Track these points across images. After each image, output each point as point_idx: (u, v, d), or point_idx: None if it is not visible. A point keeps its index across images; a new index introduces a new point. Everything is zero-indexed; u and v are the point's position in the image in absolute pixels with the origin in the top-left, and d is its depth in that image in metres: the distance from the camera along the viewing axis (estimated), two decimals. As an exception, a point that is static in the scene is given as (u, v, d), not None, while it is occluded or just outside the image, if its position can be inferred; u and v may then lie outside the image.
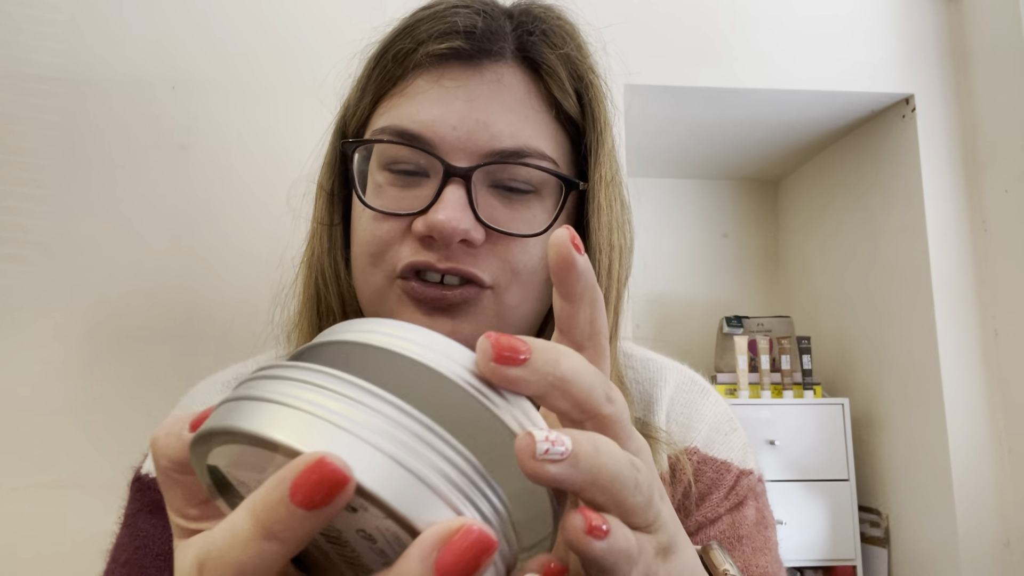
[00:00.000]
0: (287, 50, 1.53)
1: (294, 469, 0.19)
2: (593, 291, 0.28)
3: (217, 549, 0.21)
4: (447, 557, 0.19)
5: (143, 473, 0.55)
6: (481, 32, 0.49)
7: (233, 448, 0.22)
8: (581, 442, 0.23)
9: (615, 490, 0.24)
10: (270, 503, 0.20)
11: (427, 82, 0.49)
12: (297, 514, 0.19)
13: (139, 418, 0.97)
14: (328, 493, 0.19)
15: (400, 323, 0.24)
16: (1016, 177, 1.76)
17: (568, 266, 0.27)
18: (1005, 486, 1.78)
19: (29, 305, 1.44)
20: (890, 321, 2.04)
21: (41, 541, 1.36)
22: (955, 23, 1.92)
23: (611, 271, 0.52)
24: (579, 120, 0.52)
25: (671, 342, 2.52)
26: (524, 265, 0.49)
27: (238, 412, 0.21)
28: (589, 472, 0.23)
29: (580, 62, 0.53)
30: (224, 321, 1.41)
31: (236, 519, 0.21)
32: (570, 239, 0.27)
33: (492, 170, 0.48)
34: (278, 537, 0.20)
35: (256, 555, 0.20)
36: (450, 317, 0.48)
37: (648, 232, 2.63)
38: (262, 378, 0.22)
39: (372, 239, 0.49)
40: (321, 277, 0.53)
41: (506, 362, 0.23)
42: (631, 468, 0.24)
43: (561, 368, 0.24)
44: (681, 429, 0.57)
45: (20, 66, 1.50)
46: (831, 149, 2.36)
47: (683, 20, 1.82)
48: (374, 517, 0.20)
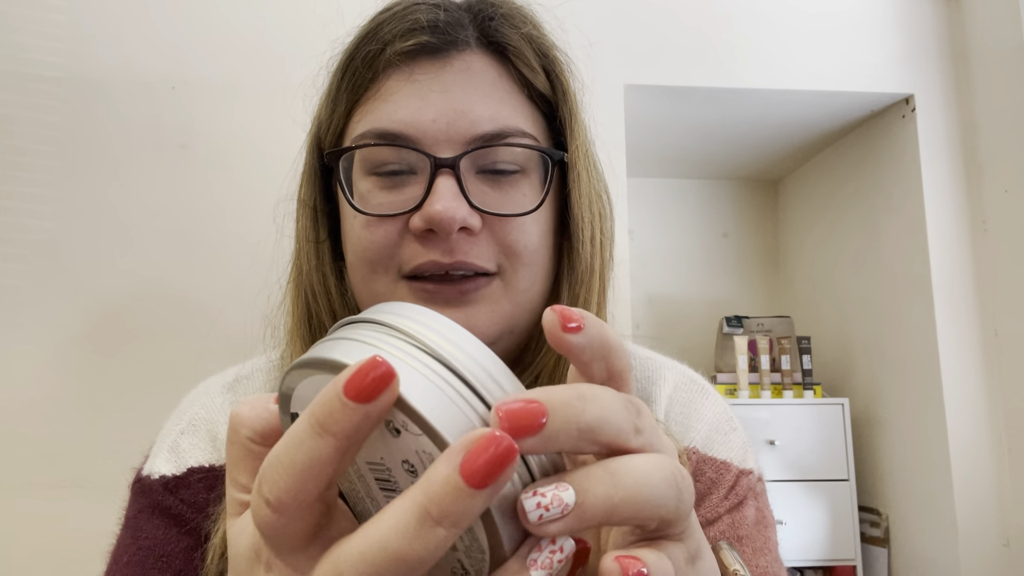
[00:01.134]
0: (287, 50, 1.53)
1: (351, 369, 0.21)
2: (602, 346, 0.26)
3: (274, 457, 0.22)
4: (472, 459, 0.20)
5: (145, 474, 0.55)
6: (444, 24, 0.50)
7: (315, 380, 0.25)
8: (587, 488, 0.22)
9: (648, 514, 0.23)
10: (325, 399, 0.21)
11: (399, 81, 0.49)
12: (348, 407, 0.21)
13: (139, 418, 0.97)
14: (377, 386, 0.21)
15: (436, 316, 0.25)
16: (1016, 177, 1.76)
17: (567, 349, 0.25)
18: (1005, 486, 1.78)
19: (29, 305, 1.45)
20: (890, 321, 2.04)
21: (41, 541, 1.36)
22: (955, 23, 1.92)
23: (594, 239, 0.53)
24: (550, 96, 0.53)
25: (671, 342, 2.52)
26: (524, 246, 0.49)
27: (318, 350, 0.25)
28: (606, 512, 0.22)
29: (541, 39, 0.53)
30: (224, 321, 1.41)
31: (293, 427, 0.22)
32: (559, 326, 0.25)
33: (477, 156, 0.49)
34: (330, 431, 0.21)
35: (311, 451, 0.22)
36: (463, 307, 0.48)
37: (648, 232, 2.63)
38: (340, 336, 0.25)
39: (369, 246, 0.49)
40: (311, 294, 0.53)
41: (523, 433, 0.22)
42: (671, 477, 0.24)
43: (586, 419, 0.23)
44: (680, 429, 0.57)
45: (20, 66, 1.51)
46: (831, 149, 2.36)
47: (683, 20, 1.82)
48: (414, 439, 0.22)
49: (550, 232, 0.52)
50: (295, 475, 0.22)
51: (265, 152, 1.44)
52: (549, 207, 0.52)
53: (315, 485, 0.22)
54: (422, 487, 0.21)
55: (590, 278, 0.52)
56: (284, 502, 0.22)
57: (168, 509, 0.53)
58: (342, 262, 0.54)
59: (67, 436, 1.40)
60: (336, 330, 0.26)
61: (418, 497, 0.21)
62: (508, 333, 0.51)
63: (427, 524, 0.21)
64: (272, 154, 1.35)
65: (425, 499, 0.21)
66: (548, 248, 0.52)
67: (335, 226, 0.54)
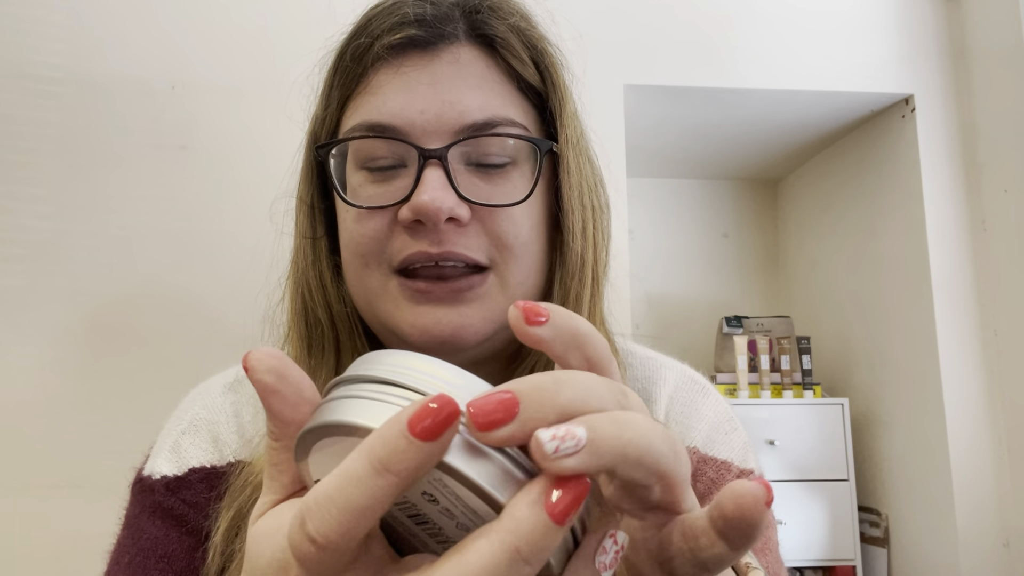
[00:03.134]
0: (287, 51, 1.53)
1: (414, 406, 0.22)
2: (573, 336, 0.26)
3: (323, 495, 0.22)
4: (558, 498, 0.22)
5: (145, 474, 0.55)
6: (432, 18, 0.50)
7: (328, 443, 0.25)
8: (596, 427, 0.23)
9: (651, 462, 0.24)
10: (388, 437, 0.21)
11: (388, 74, 0.50)
12: (415, 445, 0.21)
13: (139, 418, 0.96)
14: (444, 424, 0.21)
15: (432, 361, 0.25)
16: (1015, 177, 1.76)
17: (535, 342, 0.26)
18: (1005, 486, 1.78)
19: (29, 305, 1.44)
20: (890, 321, 2.04)
21: (41, 541, 1.36)
22: (955, 23, 1.93)
23: (585, 232, 0.52)
24: (540, 87, 0.53)
25: (671, 342, 2.52)
26: (515, 238, 0.49)
27: (327, 414, 0.25)
28: (615, 452, 0.23)
29: (530, 31, 0.53)
30: (224, 321, 1.41)
31: (347, 463, 0.22)
32: (524, 320, 0.26)
33: (467, 147, 0.49)
34: (392, 470, 0.21)
35: (369, 490, 0.22)
36: (456, 306, 0.48)
37: (648, 232, 2.63)
38: (341, 396, 0.25)
39: (360, 239, 0.49)
40: (307, 290, 0.53)
41: (497, 423, 0.22)
42: (670, 443, 0.24)
43: (562, 400, 0.23)
44: (681, 428, 0.57)
45: (20, 66, 1.50)
46: (831, 149, 2.36)
47: (683, 20, 1.82)
48: (453, 492, 0.23)
49: (542, 225, 0.52)
50: (350, 514, 0.22)
51: (265, 152, 1.44)
52: (541, 199, 0.52)
53: (367, 523, 0.22)
54: (508, 527, 0.22)
55: (582, 270, 0.52)
56: (332, 540, 0.22)
57: (169, 509, 0.53)
58: (339, 259, 0.54)
59: (67, 436, 1.40)
60: (331, 391, 0.26)
61: (506, 537, 0.22)
62: (503, 329, 0.51)
63: (517, 563, 0.21)
64: (272, 154, 1.35)
65: (514, 538, 0.21)
66: (540, 241, 0.52)
67: (333, 224, 0.55)
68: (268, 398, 0.26)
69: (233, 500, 0.50)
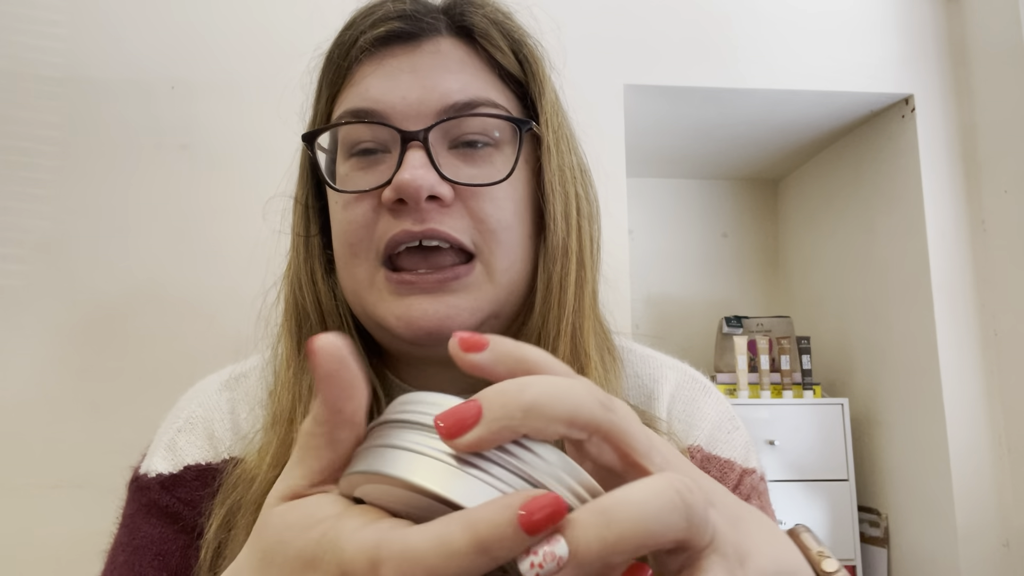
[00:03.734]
0: (287, 51, 1.53)
1: (525, 496, 0.22)
2: (517, 360, 0.26)
3: (413, 550, 0.22)
4: None
5: (141, 473, 0.55)
6: (412, 12, 0.52)
7: (376, 488, 0.25)
8: (578, 536, 0.22)
9: (658, 533, 0.22)
10: (497, 523, 0.21)
11: (371, 66, 0.51)
12: (519, 536, 0.21)
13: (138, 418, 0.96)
14: (550, 520, 0.21)
15: None
16: (1015, 177, 1.76)
17: (477, 369, 0.26)
18: (1005, 486, 1.78)
19: (29, 305, 1.44)
20: (890, 321, 2.04)
21: (41, 541, 1.36)
22: (955, 23, 1.92)
23: (568, 217, 0.52)
24: (520, 76, 0.54)
25: (671, 342, 2.50)
26: (498, 221, 0.50)
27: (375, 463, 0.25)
28: (606, 545, 0.22)
29: (508, 22, 0.55)
30: (223, 321, 1.41)
31: (448, 531, 0.22)
32: (459, 348, 0.25)
33: (448, 127, 0.50)
34: (491, 553, 0.21)
35: (463, 567, 0.21)
36: (443, 296, 0.48)
37: (648, 232, 2.63)
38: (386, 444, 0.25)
39: (348, 226, 0.50)
40: (298, 286, 0.54)
41: (461, 429, 0.23)
42: (674, 499, 0.23)
43: (526, 398, 0.23)
44: (683, 427, 0.57)
45: (20, 66, 1.50)
46: (831, 149, 2.36)
47: (683, 20, 1.82)
48: None
49: (525, 211, 0.52)
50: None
51: (265, 152, 1.43)
52: (523, 184, 0.52)
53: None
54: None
55: (565, 256, 0.52)
56: None
57: (165, 507, 0.53)
58: (333, 255, 0.55)
59: (67, 436, 1.40)
60: (372, 431, 0.26)
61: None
62: (493, 318, 0.51)
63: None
64: (272, 154, 1.35)
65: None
66: (524, 226, 0.52)
67: (327, 223, 0.55)
68: (325, 382, 0.26)
69: (226, 497, 0.50)
